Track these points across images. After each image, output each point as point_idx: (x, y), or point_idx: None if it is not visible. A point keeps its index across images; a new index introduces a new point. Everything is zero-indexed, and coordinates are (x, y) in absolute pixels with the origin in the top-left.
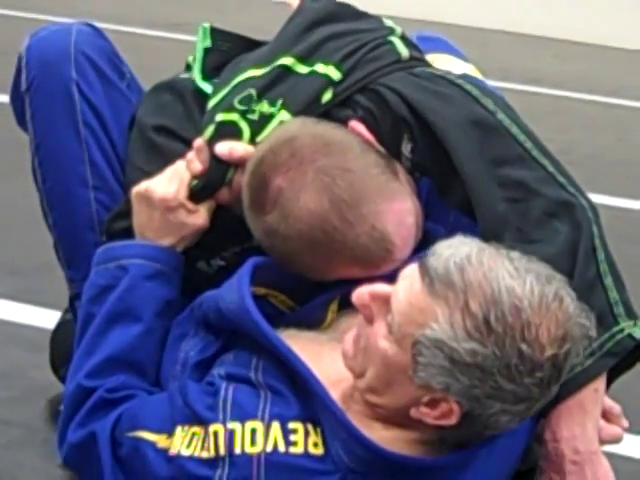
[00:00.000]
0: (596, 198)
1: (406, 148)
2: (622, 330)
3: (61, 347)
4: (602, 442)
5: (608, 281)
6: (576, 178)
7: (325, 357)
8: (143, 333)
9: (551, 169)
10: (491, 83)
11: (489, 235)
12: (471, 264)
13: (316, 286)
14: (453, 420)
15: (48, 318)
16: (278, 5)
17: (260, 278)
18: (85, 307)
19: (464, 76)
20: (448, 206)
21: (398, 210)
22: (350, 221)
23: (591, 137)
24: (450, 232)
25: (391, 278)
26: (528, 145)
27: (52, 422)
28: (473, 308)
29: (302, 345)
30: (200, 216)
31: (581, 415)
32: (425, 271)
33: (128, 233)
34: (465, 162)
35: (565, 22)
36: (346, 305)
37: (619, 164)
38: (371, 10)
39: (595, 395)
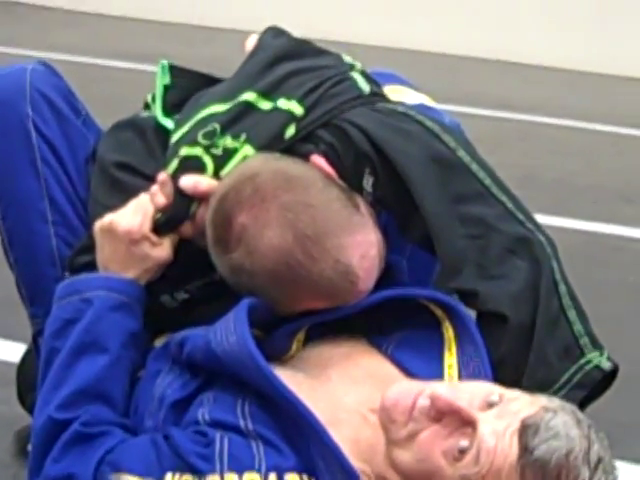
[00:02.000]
0: (564, 222)
1: (367, 183)
2: (589, 361)
3: (27, 376)
4: None
5: (572, 314)
6: (544, 203)
7: (305, 398)
8: (111, 364)
9: (510, 206)
10: (460, 109)
11: (448, 270)
12: (568, 464)
13: (285, 320)
14: None
15: (15, 352)
16: (245, 37)
17: None
18: (48, 342)
19: (424, 111)
20: (408, 241)
21: (361, 243)
22: (314, 256)
23: (560, 162)
24: (408, 262)
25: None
26: (487, 182)
27: (21, 457)
28: None
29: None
30: (164, 249)
31: None
32: (524, 449)
33: (91, 267)
34: (426, 199)
35: (533, 47)
36: (312, 336)
37: (587, 188)
38: (340, 37)
39: None
